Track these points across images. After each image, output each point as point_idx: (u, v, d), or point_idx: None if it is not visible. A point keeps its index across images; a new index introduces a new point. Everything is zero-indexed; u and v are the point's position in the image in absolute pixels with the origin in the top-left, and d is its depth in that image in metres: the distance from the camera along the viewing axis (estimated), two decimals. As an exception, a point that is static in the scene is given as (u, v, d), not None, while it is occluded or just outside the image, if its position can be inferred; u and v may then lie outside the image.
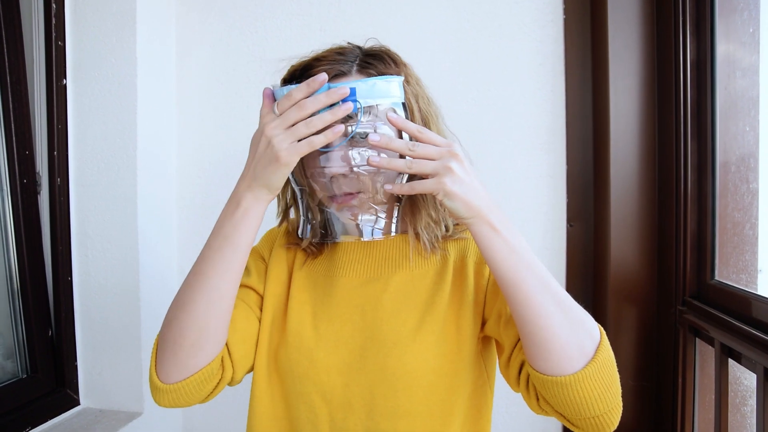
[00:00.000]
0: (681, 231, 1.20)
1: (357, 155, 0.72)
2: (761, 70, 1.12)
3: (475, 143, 1.42)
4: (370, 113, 0.71)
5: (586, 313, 0.69)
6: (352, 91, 0.69)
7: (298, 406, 0.79)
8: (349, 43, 0.80)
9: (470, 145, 0.90)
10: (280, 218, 0.90)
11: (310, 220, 0.83)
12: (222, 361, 0.77)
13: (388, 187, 0.72)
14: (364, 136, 0.71)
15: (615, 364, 0.68)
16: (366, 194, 0.75)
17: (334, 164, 0.73)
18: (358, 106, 0.71)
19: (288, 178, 0.80)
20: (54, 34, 1.40)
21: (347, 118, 0.71)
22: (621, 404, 0.68)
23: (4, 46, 1.29)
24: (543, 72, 1.41)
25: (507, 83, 1.42)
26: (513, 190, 1.42)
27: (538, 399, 0.72)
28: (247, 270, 0.90)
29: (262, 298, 0.86)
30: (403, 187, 0.72)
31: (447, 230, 0.85)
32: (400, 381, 0.76)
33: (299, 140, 0.67)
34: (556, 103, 1.40)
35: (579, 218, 1.40)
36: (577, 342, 0.66)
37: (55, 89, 1.40)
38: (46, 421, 1.34)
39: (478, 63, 1.43)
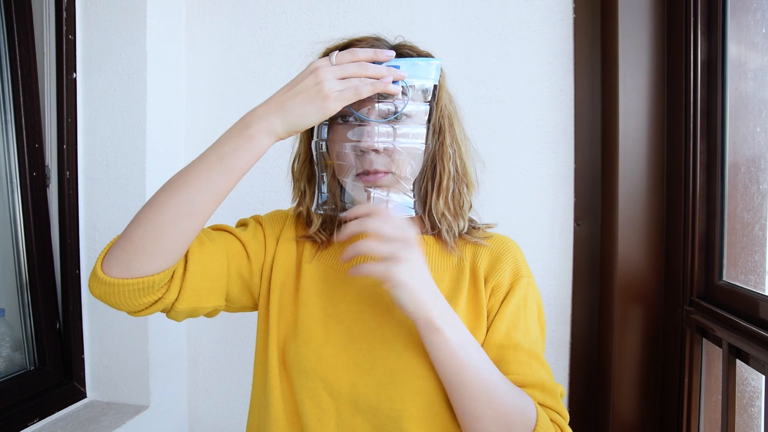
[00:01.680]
0: (689, 231, 1.20)
1: (386, 131, 0.75)
2: (772, 71, 1.12)
3: (484, 141, 1.42)
4: (409, 92, 0.75)
5: (524, 408, 0.71)
6: (395, 69, 0.73)
7: (303, 400, 0.79)
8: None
9: (478, 143, 0.91)
10: (297, 202, 0.89)
11: (325, 192, 0.83)
12: (171, 281, 0.74)
13: (344, 214, 0.73)
14: (397, 117, 0.74)
15: None
16: (393, 176, 0.76)
17: (365, 139, 0.74)
18: (403, 84, 0.74)
19: (311, 158, 0.82)
20: (65, 28, 1.40)
21: (384, 97, 0.74)
22: None
23: (15, 39, 1.29)
24: (552, 71, 1.41)
25: (516, 82, 1.42)
26: (520, 188, 1.42)
27: None
28: (243, 226, 0.90)
29: (246, 253, 0.84)
30: (356, 270, 0.71)
31: (463, 222, 0.85)
32: (408, 385, 0.75)
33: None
34: (565, 102, 1.40)
35: (586, 217, 1.40)
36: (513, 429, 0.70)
37: (65, 83, 1.41)
38: (53, 413, 1.34)
39: (487, 61, 1.43)
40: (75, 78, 1.44)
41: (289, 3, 1.55)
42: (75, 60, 1.44)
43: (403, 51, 0.79)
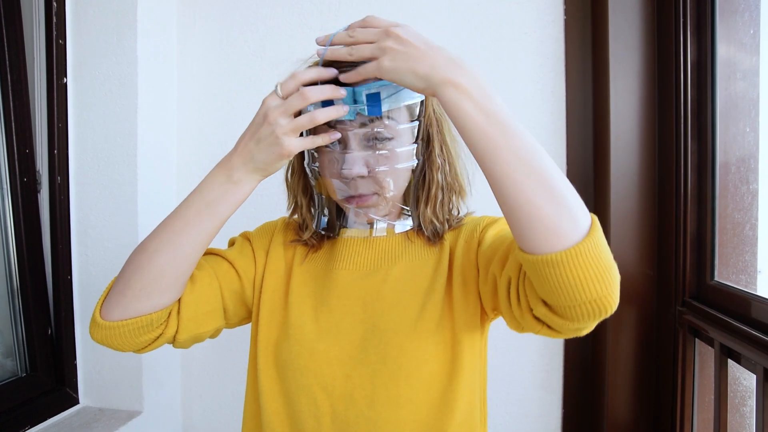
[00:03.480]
0: (681, 232, 1.20)
1: (375, 158, 0.75)
2: (761, 71, 1.12)
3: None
4: (389, 117, 0.74)
5: (578, 197, 0.61)
6: (377, 96, 0.71)
7: (299, 399, 0.79)
8: None
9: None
10: (291, 210, 0.90)
11: (326, 214, 0.86)
12: (168, 316, 0.76)
13: (342, 76, 0.70)
14: (382, 139, 0.74)
15: (610, 253, 0.60)
16: (381, 194, 0.78)
17: (354, 167, 0.74)
18: (384, 109, 0.72)
19: (304, 171, 0.84)
20: (55, 33, 1.40)
21: (367, 122, 0.73)
22: (618, 290, 0.60)
23: (5, 44, 1.29)
24: (543, 72, 1.41)
25: (507, 83, 1.43)
26: (513, 190, 1.42)
27: (531, 309, 0.66)
28: (230, 244, 0.92)
29: (237, 273, 0.85)
30: (350, 75, 0.68)
31: (449, 225, 0.86)
32: (402, 369, 0.76)
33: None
34: (557, 104, 1.40)
35: (579, 219, 1.40)
36: (567, 219, 0.58)
37: (55, 87, 1.40)
38: (45, 419, 1.33)
39: (478, 63, 1.43)
40: (65, 83, 1.43)
41: (281, 7, 1.55)
42: (65, 65, 1.43)
43: None
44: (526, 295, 0.66)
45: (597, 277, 0.58)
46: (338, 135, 0.73)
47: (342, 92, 0.70)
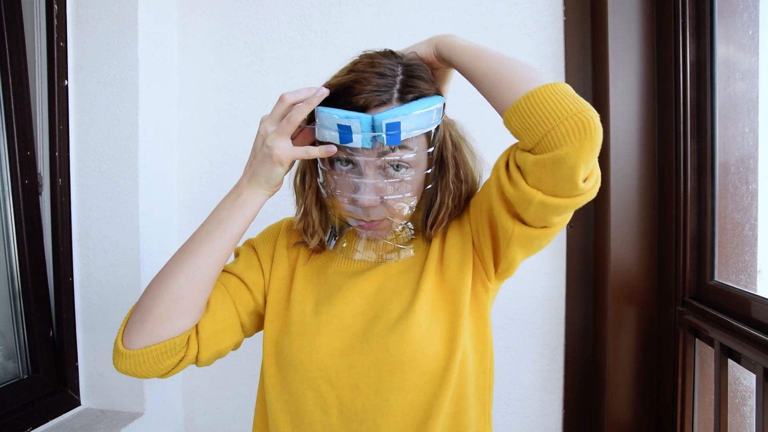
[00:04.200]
0: (681, 232, 1.21)
1: (389, 186, 0.75)
2: (761, 72, 1.12)
3: (476, 145, 1.42)
4: (407, 147, 0.74)
5: (535, 68, 0.73)
6: (396, 126, 0.70)
7: (303, 393, 0.80)
8: (386, 51, 0.79)
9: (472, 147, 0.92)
10: (300, 219, 0.90)
11: (335, 235, 0.89)
12: (188, 339, 0.78)
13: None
14: (396, 168, 0.75)
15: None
16: (393, 219, 0.80)
17: (364, 195, 0.75)
18: (403, 138, 0.72)
19: (318, 185, 0.84)
20: (56, 35, 1.40)
21: (386, 152, 0.73)
22: (596, 117, 0.67)
23: (6, 46, 1.29)
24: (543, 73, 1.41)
25: (507, 84, 1.43)
26: (513, 191, 1.43)
27: (521, 171, 0.71)
28: (235, 256, 0.93)
29: (246, 286, 0.87)
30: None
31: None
32: (405, 354, 0.77)
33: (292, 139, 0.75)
34: (557, 105, 1.40)
35: (579, 220, 1.41)
36: (529, 72, 0.70)
37: (56, 90, 1.41)
38: (47, 421, 1.34)
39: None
40: (66, 85, 1.44)
41: (281, 9, 1.55)
42: (66, 67, 1.44)
43: (406, 92, 0.74)
44: (515, 162, 0.71)
45: (570, 99, 0.65)
46: (334, 149, 0.73)
47: (324, 91, 0.73)
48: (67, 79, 1.44)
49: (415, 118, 0.71)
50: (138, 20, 1.42)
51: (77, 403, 1.46)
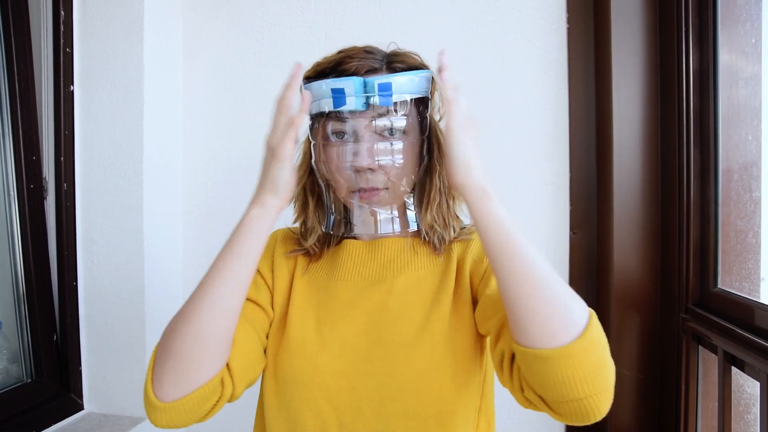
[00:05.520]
0: (684, 239, 1.21)
1: (383, 148, 0.75)
2: (763, 79, 1.13)
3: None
4: (398, 108, 0.75)
5: (574, 293, 0.66)
6: (388, 86, 0.73)
7: (303, 413, 0.78)
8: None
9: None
10: (297, 213, 0.89)
11: (333, 213, 0.85)
12: (222, 379, 0.73)
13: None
14: (393, 131, 0.75)
15: (607, 348, 0.63)
16: (389, 191, 0.78)
17: (362, 158, 0.75)
18: (396, 101, 0.74)
19: (313, 171, 0.83)
20: (62, 41, 1.41)
21: (380, 114, 0.74)
22: (612, 392, 0.63)
23: (13, 52, 1.30)
24: (546, 80, 1.42)
25: (510, 91, 1.43)
26: (516, 198, 1.43)
27: (522, 389, 0.67)
28: None
29: (260, 307, 0.84)
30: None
31: (453, 231, 0.86)
32: (409, 382, 0.75)
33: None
34: (560, 112, 1.41)
35: (582, 226, 1.41)
36: (560, 320, 0.61)
37: (62, 95, 1.42)
38: (50, 425, 1.34)
39: (481, 71, 1.44)
40: (72, 91, 1.45)
41: (286, 16, 1.56)
42: (72, 73, 1.45)
43: (393, 63, 0.78)
44: (519, 377, 0.67)
45: (586, 378, 0.59)
46: (309, 98, 0.74)
47: (297, 66, 0.72)
48: (73, 84, 1.45)
49: (406, 81, 0.74)
50: (144, 26, 1.43)
51: (80, 408, 1.46)
